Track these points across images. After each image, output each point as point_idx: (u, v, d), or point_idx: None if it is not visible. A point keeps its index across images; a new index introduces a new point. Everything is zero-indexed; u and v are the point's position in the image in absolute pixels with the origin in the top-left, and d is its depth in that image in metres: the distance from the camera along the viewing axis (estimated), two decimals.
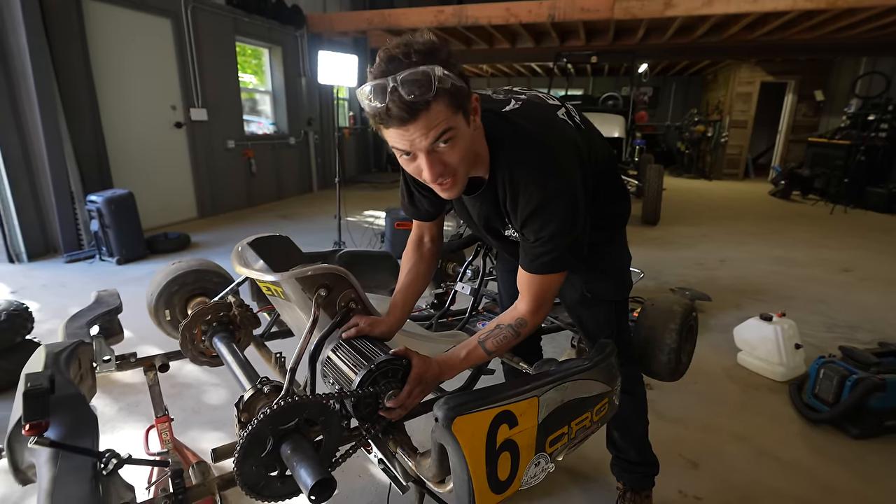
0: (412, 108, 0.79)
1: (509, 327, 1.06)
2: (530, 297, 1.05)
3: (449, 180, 0.92)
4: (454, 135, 0.85)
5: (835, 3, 5.37)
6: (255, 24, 6.60)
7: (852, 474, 1.75)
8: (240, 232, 5.23)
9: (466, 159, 0.92)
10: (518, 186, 0.98)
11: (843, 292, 3.60)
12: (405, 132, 0.83)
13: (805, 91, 9.61)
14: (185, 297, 1.61)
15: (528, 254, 1.03)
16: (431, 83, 0.78)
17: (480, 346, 1.06)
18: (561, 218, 0.97)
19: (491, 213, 1.11)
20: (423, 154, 0.86)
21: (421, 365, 1.01)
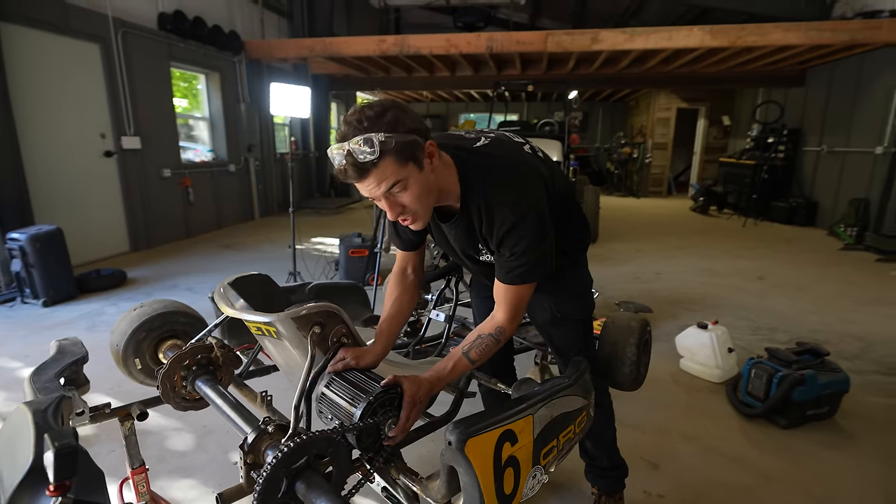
0: (362, 168, 0.97)
1: (489, 336, 1.17)
2: (507, 307, 1.18)
3: (409, 218, 1.09)
4: (405, 184, 1.02)
5: (735, 42, 6.11)
6: (191, 50, 6.42)
7: (784, 461, 1.98)
8: (179, 265, 4.99)
9: (423, 198, 1.06)
10: (492, 211, 1.12)
11: (761, 298, 4.03)
12: (362, 185, 1.01)
13: (714, 116, 10.72)
14: (154, 342, 1.56)
15: (503, 268, 1.16)
16: (375, 147, 0.95)
17: (465, 357, 1.16)
18: (532, 234, 1.11)
19: (465, 238, 1.24)
20: (383, 200, 1.05)
21: (412, 387, 1.09)
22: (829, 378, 2.17)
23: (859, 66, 6.66)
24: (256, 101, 7.76)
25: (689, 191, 10.83)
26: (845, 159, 6.90)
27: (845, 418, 2.26)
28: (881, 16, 5.95)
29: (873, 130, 6.28)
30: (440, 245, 1.39)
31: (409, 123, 1.00)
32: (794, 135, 7.95)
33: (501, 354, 1.65)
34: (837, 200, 6.94)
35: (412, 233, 1.33)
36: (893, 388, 2.58)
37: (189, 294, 4.04)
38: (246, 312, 1.22)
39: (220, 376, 1.41)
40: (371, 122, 0.96)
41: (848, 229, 6.21)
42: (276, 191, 8.59)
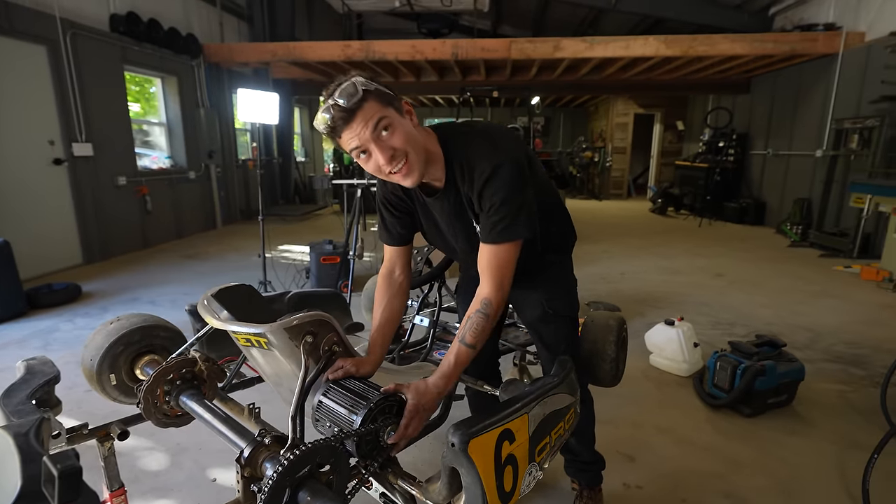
0: (348, 112, 1.01)
1: (478, 313, 1.15)
2: (491, 275, 1.16)
3: (403, 163, 1.08)
4: (390, 122, 1.04)
5: (687, 52, 6.44)
6: (146, 53, 6.19)
7: (751, 448, 2.10)
8: (138, 277, 4.78)
9: (412, 144, 1.08)
10: (473, 165, 1.14)
11: (720, 295, 4.25)
12: (351, 131, 1.03)
13: (669, 121, 11.22)
14: (132, 357, 1.50)
15: (486, 226, 1.15)
16: (357, 89, 1.00)
17: (462, 345, 1.14)
18: (509, 183, 1.11)
19: (454, 211, 1.23)
20: (372, 144, 1.04)
21: (416, 396, 1.09)
22: (787, 368, 2.32)
23: (799, 74, 7.14)
24: (217, 106, 7.54)
25: (647, 193, 11.28)
26: (789, 162, 7.37)
27: (802, 405, 2.42)
28: (817, 29, 6.42)
29: (813, 135, 6.75)
30: (429, 235, 1.39)
31: (383, 85, 1.07)
32: (743, 139, 8.42)
33: (487, 357, 1.69)
34: (783, 200, 7.40)
35: (400, 224, 1.34)
36: (840, 374, 2.78)
37: (151, 307, 3.88)
38: (235, 324, 1.20)
39: (204, 390, 1.38)
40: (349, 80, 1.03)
41: (793, 227, 6.63)
42: (239, 198, 8.36)
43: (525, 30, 11.91)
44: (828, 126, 6.41)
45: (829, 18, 6.50)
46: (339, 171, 11.10)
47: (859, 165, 5.88)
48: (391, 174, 1.09)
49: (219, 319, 1.25)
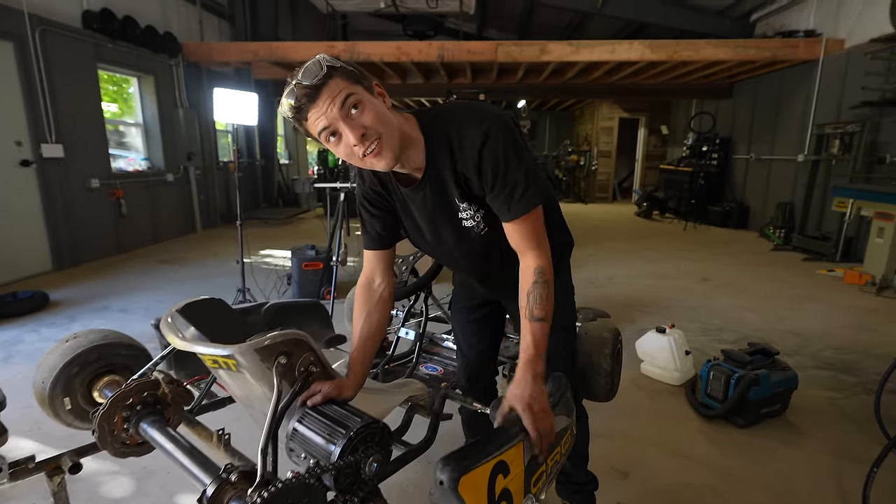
0: (312, 88, 0.91)
1: (536, 284, 1.06)
2: (529, 246, 1.07)
3: (375, 144, 0.97)
4: (358, 99, 0.94)
5: (672, 56, 6.46)
6: (121, 51, 5.98)
7: (745, 460, 2.04)
8: (110, 284, 4.58)
9: (385, 123, 0.97)
10: (462, 136, 1.03)
11: (707, 299, 4.23)
12: (318, 110, 0.93)
13: (653, 126, 11.31)
14: (89, 378, 1.38)
15: (500, 204, 1.05)
16: (321, 66, 0.92)
17: (535, 322, 1.05)
18: (505, 145, 1.01)
19: (438, 198, 1.12)
20: (341, 122, 0.94)
21: (521, 403, 0.98)
22: (780, 377, 2.28)
23: (780, 80, 7.23)
24: (196, 107, 7.34)
25: (632, 196, 11.34)
26: (771, 166, 7.45)
27: (795, 414, 2.38)
28: (797, 35, 6.50)
29: (794, 140, 6.83)
30: (412, 235, 1.28)
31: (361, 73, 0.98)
32: (726, 143, 8.51)
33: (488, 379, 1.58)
34: (766, 204, 7.47)
35: (381, 224, 1.23)
36: (831, 381, 2.75)
37: (122, 316, 3.71)
38: (199, 344, 1.08)
39: (168, 415, 1.26)
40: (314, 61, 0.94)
41: (777, 231, 6.69)
42: (219, 201, 8.15)
43: (511, 33, 11.90)
44: (809, 131, 6.49)
45: (809, 25, 6.59)
46: (323, 174, 10.96)
47: (840, 170, 5.95)
48: (364, 157, 0.99)
49: (182, 339, 1.14)
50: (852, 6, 5.97)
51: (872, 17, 5.56)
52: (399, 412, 1.47)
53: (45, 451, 2.00)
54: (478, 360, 1.51)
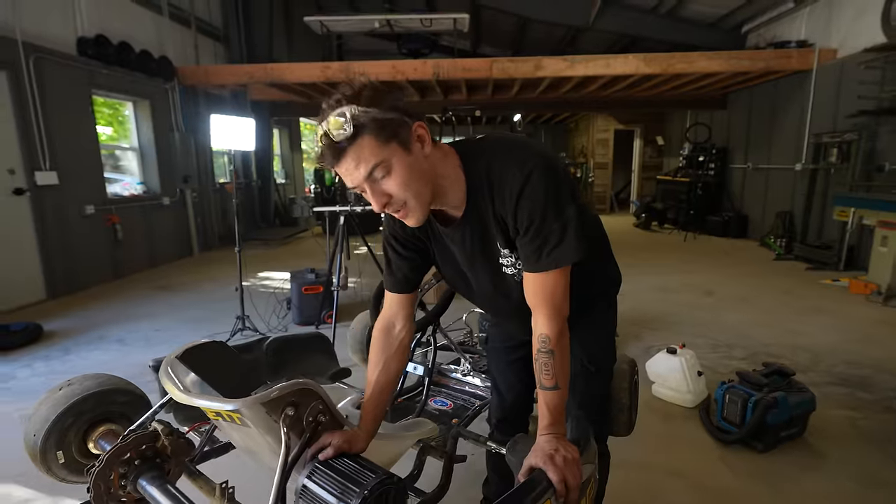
0: (337, 146, 0.86)
1: (540, 353, 1.00)
2: (543, 306, 1.00)
3: (400, 210, 0.95)
4: (388, 167, 0.89)
5: (666, 70, 6.50)
6: (117, 77, 5.97)
7: (768, 488, 1.97)
8: (107, 312, 4.49)
9: (412, 184, 0.92)
10: (502, 178, 0.96)
11: (713, 314, 4.18)
12: (341, 169, 0.90)
13: (649, 137, 11.37)
14: (84, 429, 1.31)
15: (529, 254, 0.98)
16: (349, 123, 0.84)
17: (545, 391, 1.00)
18: (547, 188, 0.93)
19: (477, 240, 1.06)
20: (365, 186, 0.91)
21: (545, 460, 0.91)
22: (798, 399, 2.22)
23: (774, 90, 7.28)
24: (192, 129, 7.32)
25: (630, 207, 11.34)
26: (769, 175, 7.46)
27: (813, 436, 2.31)
28: (789, 46, 6.56)
29: (791, 149, 6.85)
30: (448, 275, 1.20)
31: (392, 100, 0.89)
32: (722, 153, 8.54)
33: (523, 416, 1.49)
34: (765, 213, 7.47)
35: (408, 266, 1.14)
36: (847, 399, 2.68)
37: (119, 347, 3.62)
38: (201, 397, 1.02)
39: (167, 468, 1.19)
40: (348, 98, 0.86)
41: (777, 240, 6.67)
42: (217, 223, 8.09)
43: (504, 49, 12.00)
44: (806, 140, 6.51)
45: (801, 35, 6.66)
46: (319, 193, 10.93)
47: (839, 179, 5.95)
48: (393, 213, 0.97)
49: (183, 391, 1.07)
50: (843, 16, 6.03)
51: (864, 27, 5.61)
52: (410, 454, 1.40)
53: (37, 498, 1.91)
54: (514, 402, 1.44)
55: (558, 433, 0.97)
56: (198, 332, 3.83)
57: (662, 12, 7.81)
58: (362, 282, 4.80)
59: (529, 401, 1.55)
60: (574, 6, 7.87)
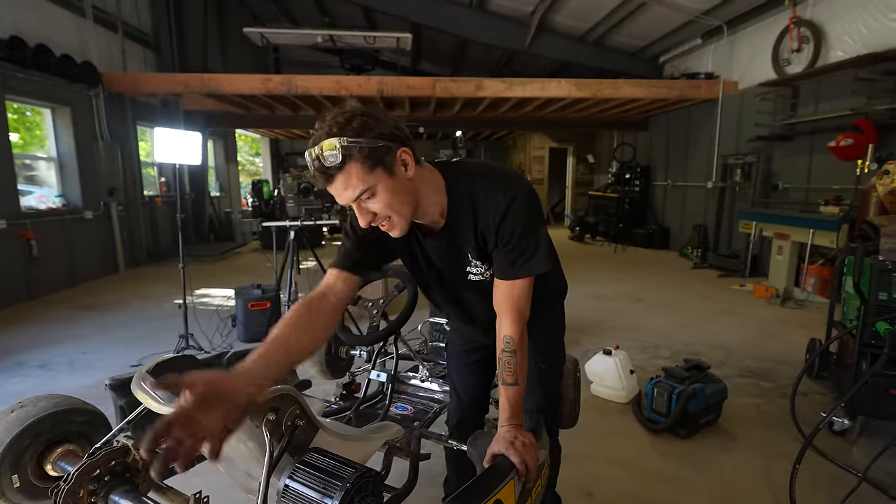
0: (328, 172, 0.97)
1: (504, 352, 1.13)
2: (509, 310, 1.13)
3: (385, 224, 1.06)
4: (374, 191, 1.00)
5: (595, 94, 7.05)
6: (34, 82, 5.55)
7: (692, 469, 2.23)
8: (23, 335, 4.13)
9: (394, 204, 1.03)
10: (486, 200, 1.09)
11: (642, 318, 4.56)
12: (332, 188, 1.01)
13: (581, 155, 12.13)
14: (40, 450, 1.27)
15: (503, 263, 1.12)
16: (337, 154, 0.95)
17: (505, 386, 1.13)
18: (527, 215, 1.09)
19: (453, 250, 1.19)
20: (354, 205, 1.03)
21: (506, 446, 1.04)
22: (713, 389, 2.52)
23: (688, 115, 8.08)
24: (119, 139, 6.92)
25: (565, 221, 11.98)
26: (686, 192, 8.23)
27: (727, 421, 2.63)
28: (699, 77, 7.34)
29: (704, 168, 7.62)
30: (417, 275, 1.30)
31: (379, 129, 0.98)
32: (646, 171, 9.30)
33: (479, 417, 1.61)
34: (683, 226, 8.21)
35: (359, 255, 1.19)
36: (753, 388, 3.07)
37: (42, 373, 3.36)
38: None
39: (138, 482, 1.19)
40: (339, 127, 0.95)
41: (694, 251, 7.36)
42: (145, 238, 7.63)
43: (444, 66, 12.37)
44: (715, 161, 7.28)
45: (708, 68, 7.48)
46: (257, 206, 10.60)
47: (743, 196, 6.71)
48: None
49: (159, 402, 1.10)
50: (742, 54, 6.86)
51: (759, 64, 6.42)
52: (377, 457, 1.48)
53: None
54: (472, 402, 1.55)
55: (517, 423, 1.09)
56: (132, 352, 3.63)
57: (590, 41, 8.45)
58: None
59: (486, 402, 1.68)
60: (511, 31, 8.32)
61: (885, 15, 4.76)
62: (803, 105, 5.80)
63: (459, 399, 1.59)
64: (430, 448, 1.70)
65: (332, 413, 1.74)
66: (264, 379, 0.97)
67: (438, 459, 1.76)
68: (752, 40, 6.63)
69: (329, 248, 8.19)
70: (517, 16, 8.00)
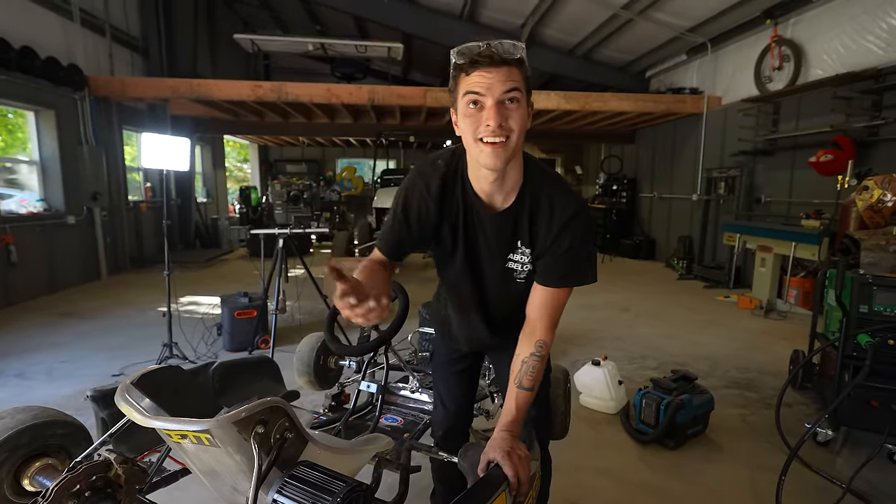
0: (503, 57, 1.00)
1: (533, 356, 1.13)
2: (547, 316, 1.15)
3: (503, 139, 1.02)
4: (519, 97, 1.03)
5: (584, 106, 7.16)
6: (17, 84, 5.45)
7: (679, 480, 2.24)
8: (1, 343, 4.02)
9: (521, 129, 1.05)
10: (554, 199, 1.13)
11: (629, 328, 4.60)
12: (488, 75, 1.00)
13: (569, 166, 12.26)
14: (18, 464, 1.23)
15: (551, 270, 1.14)
16: (518, 52, 1.02)
17: (521, 390, 1.12)
18: (587, 230, 1.13)
19: (506, 233, 1.18)
20: (492, 102, 1.01)
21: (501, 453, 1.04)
22: (701, 400, 2.54)
23: (674, 129, 8.23)
24: (104, 143, 6.82)
25: None
26: (671, 204, 8.36)
27: (714, 432, 2.65)
28: (684, 92, 7.50)
29: (689, 181, 7.75)
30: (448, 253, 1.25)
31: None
32: (632, 183, 9.43)
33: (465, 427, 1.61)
34: (669, 238, 8.33)
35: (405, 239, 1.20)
36: (738, 399, 3.10)
37: (19, 382, 3.26)
38: (169, 420, 1.03)
39: (119, 498, 1.16)
40: (517, 49, 1.03)
41: (679, 262, 7.46)
42: (129, 244, 7.50)
43: (434, 76, 12.46)
44: (699, 174, 7.42)
45: (693, 83, 7.64)
46: (245, 213, 10.50)
47: (727, 208, 6.84)
48: (485, 142, 1.02)
49: (144, 415, 1.07)
50: (725, 70, 7.03)
51: (742, 80, 6.58)
52: (366, 469, 1.46)
53: None
54: (458, 412, 1.55)
55: (514, 432, 1.09)
56: (113, 361, 3.55)
57: (579, 55, 8.59)
58: (301, 306, 4.71)
59: (471, 412, 1.67)
60: None
61: (862, 36, 4.92)
62: (784, 121, 5.94)
63: (445, 409, 1.58)
64: (420, 460, 1.68)
65: (321, 425, 1.72)
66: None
67: (428, 472, 1.75)
68: (735, 57, 6.80)
69: (318, 255, 8.12)
70: (508, 28, 8.10)
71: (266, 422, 1.07)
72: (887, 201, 2.73)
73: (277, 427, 1.10)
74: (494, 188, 1.13)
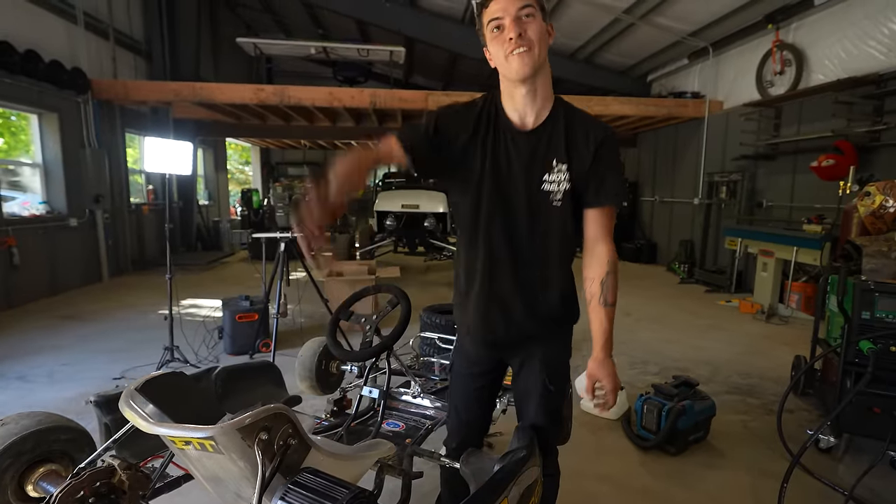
0: None
1: (609, 274, 1.26)
2: (606, 234, 1.26)
3: (525, 47, 1.14)
4: (534, 13, 1.15)
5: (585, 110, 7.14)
6: (21, 87, 5.48)
7: (681, 487, 2.23)
8: (2, 346, 4.03)
9: (541, 40, 1.15)
10: (586, 120, 1.25)
11: (631, 333, 4.59)
12: (500, 2, 1.13)
13: None
14: (22, 470, 1.23)
15: (599, 187, 1.22)
16: None
17: (607, 307, 1.27)
18: (617, 153, 1.28)
19: (543, 148, 1.23)
20: (510, 20, 1.13)
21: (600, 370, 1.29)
22: (702, 406, 2.54)
23: (676, 133, 8.24)
24: (107, 146, 6.85)
25: None
26: (673, 208, 8.36)
27: (715, 438, 2.65)
28: (686, 96, 7.51)
29: (690, 185, 7.75)
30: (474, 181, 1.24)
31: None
32: (634, 187, 9.43)
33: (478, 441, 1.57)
34: (670, 241, 8.32)
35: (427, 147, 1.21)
36: (740, 405, 3.09)
37: (21, 385, 3.27)
38: (173, 427, 1.04)
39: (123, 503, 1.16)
40: None
41: (681, 266, 7.46)
42: (131, 246, 7.52)
43: (436, 80, 12.50)
44: (701, 178, 7.42)
45: (694, 87, 7.65)
46: (246, 216, 10.52)
47: (728, 212, 6.84)
48: (511, 53, 1.14)
49: (149, 422, 1.08)
50: (727, 74, 7.04)
51: (743, 85, 6.59)
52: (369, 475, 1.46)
53: None
54: (474, 423, 1.51)
55: (610, 350, 1.29)
56: (114, 364, 3.55)
57: (580, 58, 8.61)
58: (302, 310, 4.71)
59: (487, 424, 1.65)
60: None
61: (863, 41, 4.93)
62: (786, 126, 5.95)
63: (460, 420, 1.52)
64: (423, 466, 1.68)
65: (323, 430, 1.72)
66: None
67: (430, 478, 1.75)
68: (736, 62, 6.81)
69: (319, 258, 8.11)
70: None
71: (270, 428, 1.07)
72: (889, 207, 2.73)
73: (281, 434, 1.10)
74: (527, 103, 1.22)
